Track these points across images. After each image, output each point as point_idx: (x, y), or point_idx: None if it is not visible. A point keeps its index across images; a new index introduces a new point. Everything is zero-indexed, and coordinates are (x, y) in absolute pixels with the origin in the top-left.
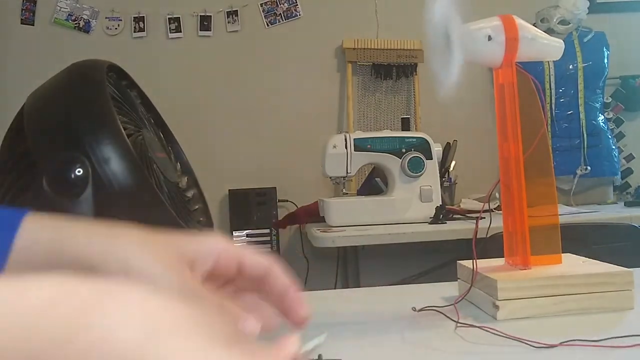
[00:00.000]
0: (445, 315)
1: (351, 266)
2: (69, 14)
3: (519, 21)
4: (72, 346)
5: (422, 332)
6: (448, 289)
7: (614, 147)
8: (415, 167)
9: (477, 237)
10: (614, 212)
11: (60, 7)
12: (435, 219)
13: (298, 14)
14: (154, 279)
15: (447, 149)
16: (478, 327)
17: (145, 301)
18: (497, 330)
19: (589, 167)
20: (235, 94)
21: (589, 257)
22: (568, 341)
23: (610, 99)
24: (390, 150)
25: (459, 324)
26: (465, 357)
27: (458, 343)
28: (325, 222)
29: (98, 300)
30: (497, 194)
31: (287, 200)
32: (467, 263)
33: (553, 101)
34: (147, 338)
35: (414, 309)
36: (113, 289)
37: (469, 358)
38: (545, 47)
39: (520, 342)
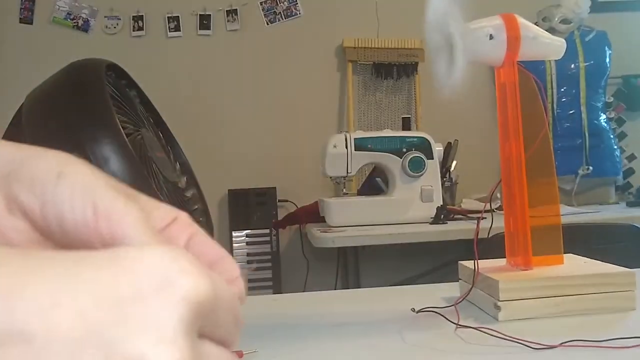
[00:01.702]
0: (445, 317)
1: (351, 267)
2: (67, 13)
3: (521, 20)
4: None
5: (422, 334)
6: (449, 290)
7: (615, 147)
8: (416, 167)
9: (479, 237)
10: (615, 213)
11: (59, 6)
12: (436, 219)
13: (298, 12)
14: None
15: (448, 149)
16: (478, 328)
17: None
18: (496, 332)
19: (590, 167)
20: (235, 93)
21: (591, 258)
22: (568, 342)
23: (612, 99)
24: (391, 150)
25: (458, 326)
26: (464, 358)
27: (458, 344)
28: (325, 222)
29: None
30: (498, 194)
31: (287, 200)
32: (469, 264)
33: (555, 101)
34: None
35: (413, 309)
36: None
37: (468, 359)
38: (547, 46)
39: (520, 343)
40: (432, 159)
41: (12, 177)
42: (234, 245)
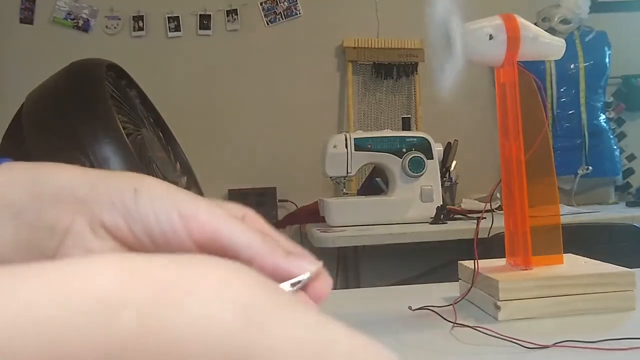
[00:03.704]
0: (441, 316)
1: (351, 267)
2: (68, 13)
3: (521, 20)
4: (155, 338)
5: (417, 333)
6: (449, 290)
7: (615, 147)
8: (416, 167)
9: (479, 237)
10: (615, 213)
11: (59, 6)
12: (436, 219)
13: (298, 12)
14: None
15: (448, 149)
16: (473, 327)
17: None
18: (491, 331)
19: (590, 167)
20: (235, 93)
21: (591, 258)
22: (561, 342)
23: (611, 99)
24: (391, 150)
25: (455, 325)
26: (455, 357)
27: (451, 343)
28: (325, 222)
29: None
30: (498, 194)
31: (287, 200)
32: (468, 263)
33: (554, 101)
34: (246, 321)
35: (410, 308)
36: (185, 261)
37: (459, 358)
38: (547, 46)
39: (514, 342)
40: (432, 159)
41: (89, 201)
42: None
